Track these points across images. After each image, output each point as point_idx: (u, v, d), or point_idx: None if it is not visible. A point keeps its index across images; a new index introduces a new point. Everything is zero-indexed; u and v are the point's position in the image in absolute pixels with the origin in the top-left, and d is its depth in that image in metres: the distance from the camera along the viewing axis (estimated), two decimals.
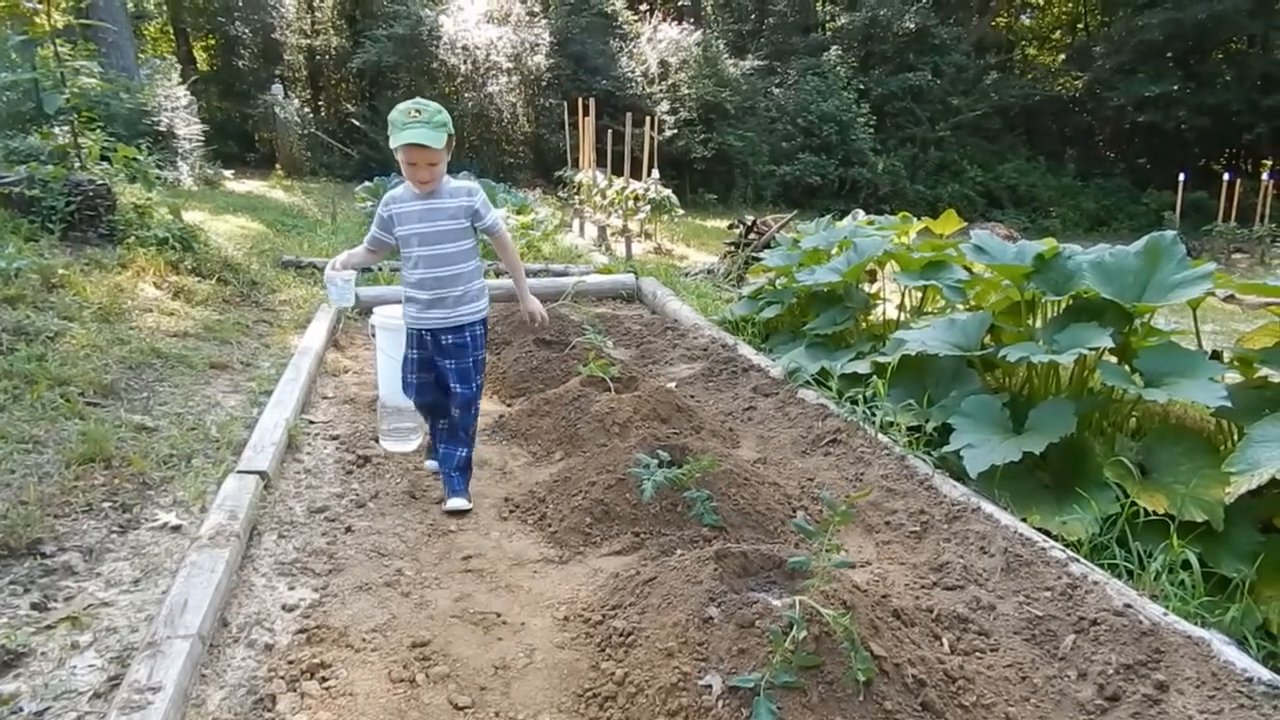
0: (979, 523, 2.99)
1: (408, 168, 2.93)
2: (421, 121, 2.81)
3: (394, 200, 3.04)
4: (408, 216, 3.02)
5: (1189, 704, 2.10)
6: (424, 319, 3.11)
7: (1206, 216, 18.89)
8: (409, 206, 3.01)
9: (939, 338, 3.92)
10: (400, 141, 2.82)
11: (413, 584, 2.68)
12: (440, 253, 3.03)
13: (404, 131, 2.80)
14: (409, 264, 3.06)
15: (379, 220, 3.07)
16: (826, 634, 2.09)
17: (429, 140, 2.80)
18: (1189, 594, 2.63)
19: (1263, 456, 2.79)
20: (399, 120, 2.82)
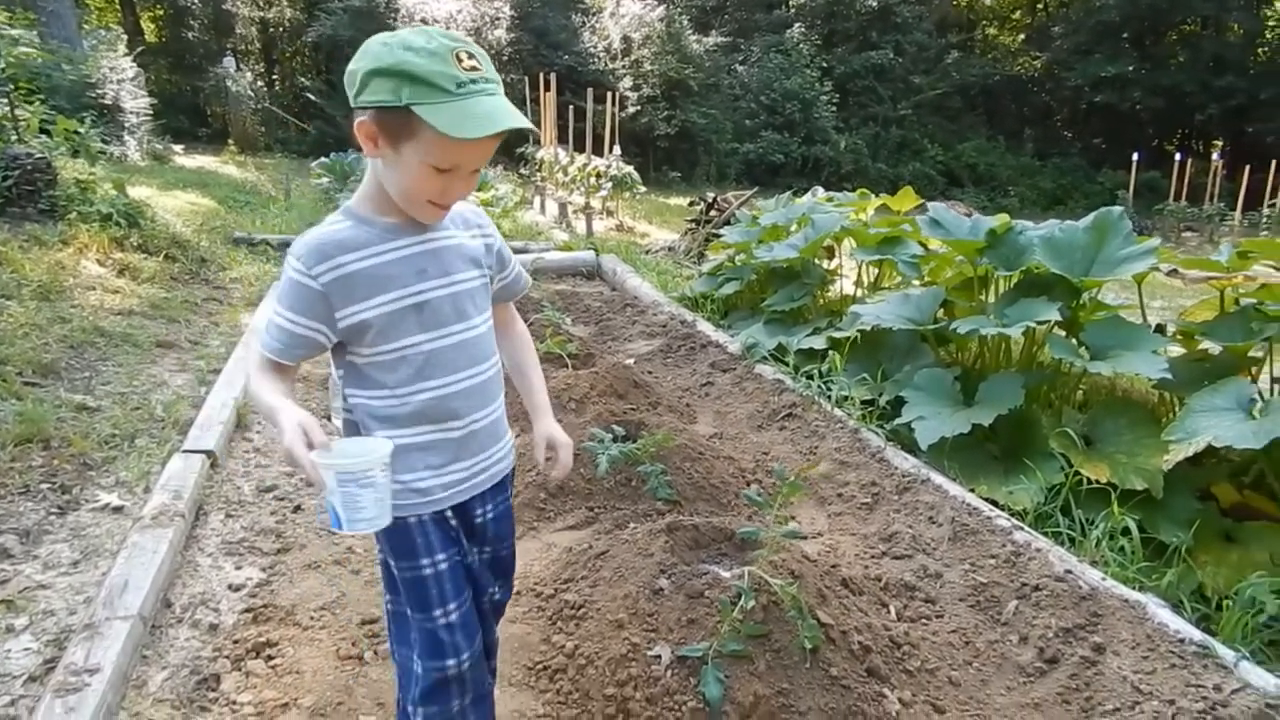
0: (928, 493, 3.04)
1: (432, 178, 1.31)
2: (489, 80, 1.27)
3: (338, 250, 1.34)
4: (387, 277, 1.37)
5: (1124, 665, 2.16)
6: (458, 479, 1.50)
7: (1159, 196, 19.29)
8: (386, 256, 1.37)
9: (893, 312, 3.96)
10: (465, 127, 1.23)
11: (364, 561, 2.65)
12: (469, 337, 1.46)
13: (468, 101, 1.24)
14: (396, 374, 1.41)
15: (301, 298, 1.34)
16: (775, 603, 2.11)
17: (518, 119, 1.28)
18: (1128, 560, 2.70)
19: (1200, 425, 2.87)
20: (444, 75, 1.22)
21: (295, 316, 1.35)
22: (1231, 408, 2.91)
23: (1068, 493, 3.03)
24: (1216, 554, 2.83)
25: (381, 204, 1.39)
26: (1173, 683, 2.06)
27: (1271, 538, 2.83)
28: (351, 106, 1.30)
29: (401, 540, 1.46)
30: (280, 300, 1.36)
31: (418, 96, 1.22)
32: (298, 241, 1.36)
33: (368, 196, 1.40)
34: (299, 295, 1.34)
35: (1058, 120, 29.27)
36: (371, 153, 1.32)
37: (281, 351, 1.37)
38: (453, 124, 1.22)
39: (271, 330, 1.37)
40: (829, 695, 2.00)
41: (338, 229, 1.37)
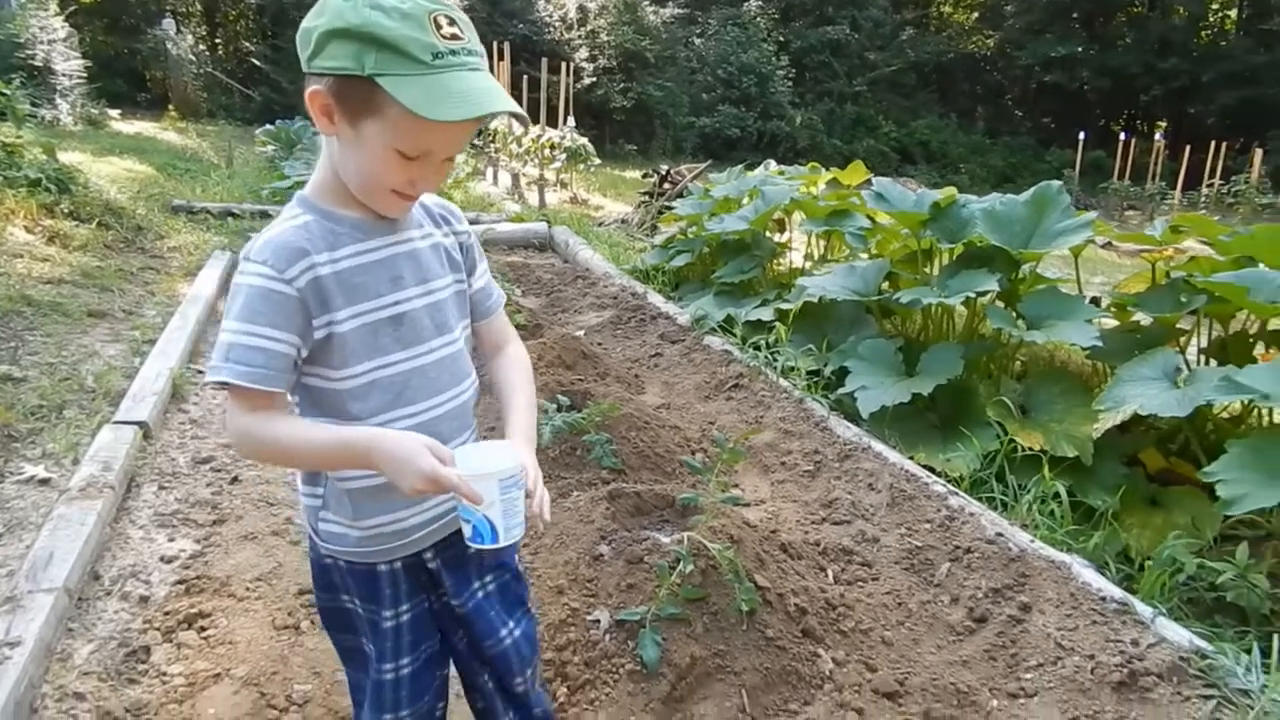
0: (869, 461, 3.09)
1: (398, 166, 1.12)
2: (471, 51, 1.09)
3: (308, 248, 1.14)
4: (358, 285, 1.18)
5: (1048, 622, 2.23)
6: (442, 511, 1.31)
7: (1104, 175, 19.75)
8: (356, 259, 1.18)
9: (839, 283, 4.00)
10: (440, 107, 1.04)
11: (302, 532, 2.61)
12: (451, 352, 1.29)
13: (445, 76, 1.05)
14: (369, 401, 1.21)
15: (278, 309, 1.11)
16: (713, 567, 2.13)
17: (505, 101, 1.09)
18: (1057, 523, 2.79)
19: (1128, 394, 2.96)
20: (417, 42, 1.03)
21: (275, 332, 1.10)
22: (1158, 377, 3.00)
23: (1003, 460, 3.10)
24: (1142, 517, 2.94)
25: (343, 194, 1.18)
26: (1094, 639, 2.14)
27: (1193, 502, 2.94)
28: (304, 71, 1.09)
29: (369, 587, 1.30)
30: (248, 316, 1.09)
31: (384, 66, 1.02)
32: (257, 244, 1.14)
33: (325, 185, 1.18)
34: (276, 305, 1.10)
35: (1009, 99, 29.72)
36: (326, 129, 1.11)
37: (269, 378, 1.10)
38: (425, 102, 1.03)
39: (245, 356, 1.09)
40: (765, 655, 2.04)
41: (299, 224, 1.15)
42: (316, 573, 1.36)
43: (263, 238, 1.14)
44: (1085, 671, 2.05)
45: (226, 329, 1.10)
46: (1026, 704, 2.03)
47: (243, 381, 1.09)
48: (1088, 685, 2.02)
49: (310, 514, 1.30)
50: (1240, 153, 20.36)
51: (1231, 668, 2.00)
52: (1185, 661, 2.01)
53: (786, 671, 2.04)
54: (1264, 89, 23.13)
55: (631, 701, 1.92)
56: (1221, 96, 23.55)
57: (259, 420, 1.12)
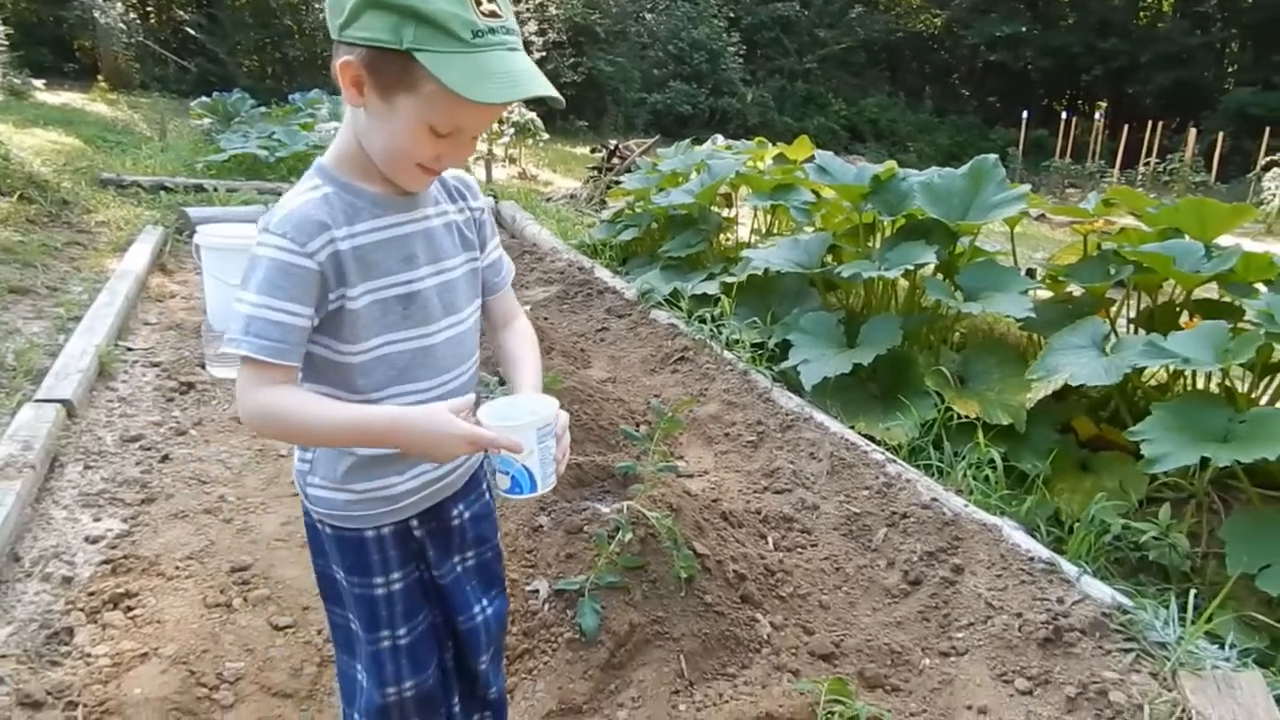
0: (810, 431, 3.13)
1: (428, 141, 1.10)
2: (509, 30, 1.07)
3: (329, 222, 1.12)
4: (373, 263, 1.17)
5: (979, 583, 2.29)
6: (430, 480, 1.31)
7: (1046, 153, 20.16)
8: (374, 235, 1.17)
9: (783, 257, 4.02)
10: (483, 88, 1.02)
11: (236, 510, 2.56)
12: (458, 332, 1.27)
13: (486, 55, 1.03)
14: (373, 376, 1.20)
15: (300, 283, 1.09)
16: (652, 536, 2.14)
17: (545, 84, 1.07)
18: (991, 488, 2.85)
19: (1059, 363, 3.04)
20: (458, 19, 1.00)
21: (294, 306, 1.08)
22: (1087, 345, 3.08)
23: (940, 428, 3.17)
24: (1073, 482, 3.03)
25: (364, 166, 1.15)
26: (1022, 597, 2.20)
27: (1121, 466, 3.03)
28: (333, 39, 1.06)
29: (357, 555, 1.28)
30: (268, 290, 1.07)
31: (424, 41, 1.00)
32: (276, 216, 1.10)
33: (347, 157, 1.15)
34: (296, 279, 1.08)
35: (956, 78, 30.11)
36: (354, 100, 1.08)
37: (288, 352, 1.09)
38: (467, 82, 1.00)
39: (265, 329, 1.07)
40: (703, 621, 2.06)
41: (318, 197, 1.12)
42: (310, 536, 1.36)
43: (283, 209, 1.11)
44: (1013, 629, 2.11)
45: (246, 301, 1.07)
46: (957, 661, 2.09)
47: (263, 356, 1.07)
48: (1015, 642, 2.09)
49: (300, 477, 1.30)
50: (1176, 132, 20.96)
51: (1150, 622, 2.08)
52: (1107, 617, 2.09)
53: (725, 636, 2.06)
54: (1198, 70, 23.81)
55: (570, 669, 1.92)
56: (1158, 77, 24.18)
57: (276, 395, 1.10)
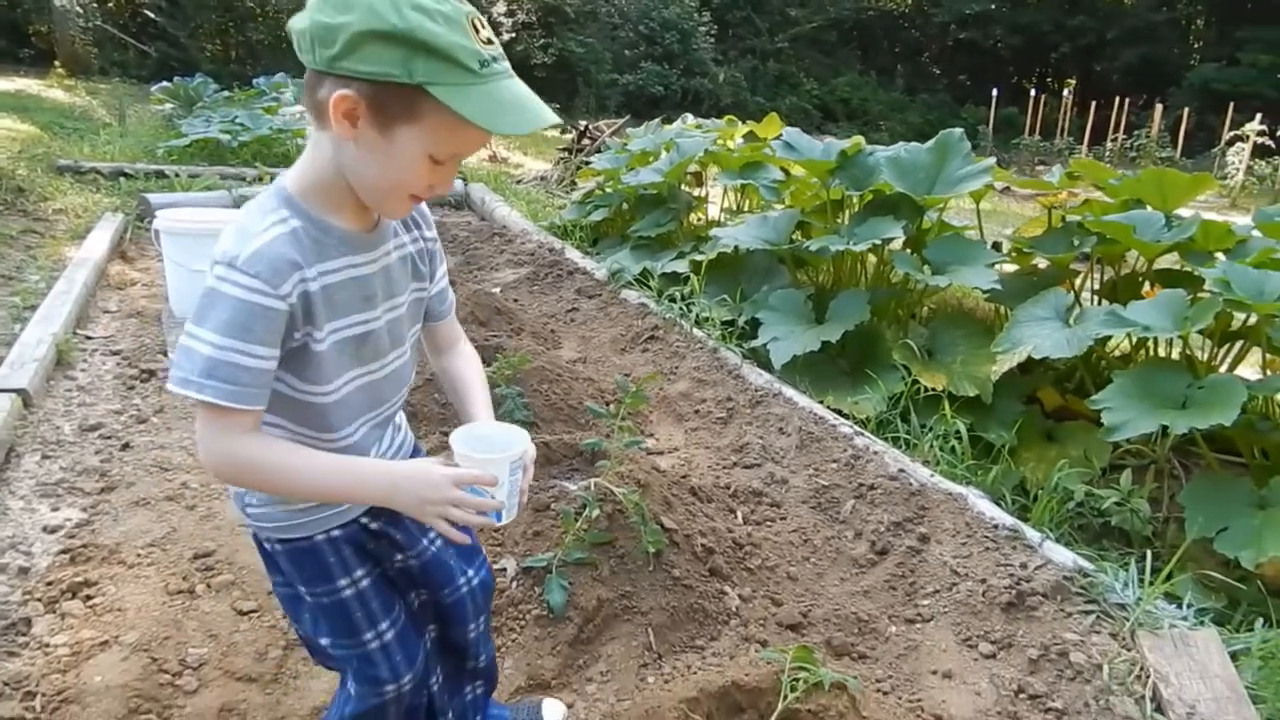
0: (779, 406, 3.14)
1: (425, 170, 1.07)
2: (504, 58, 1.05)
3: (299, 259, 1.06)
4: (338, 303, 1.13)
5: (945, 551, 2.32)
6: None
7: (1016, 131, 20.29)
8: (340, 275, 1.13)
9: (751, 234, 4.02)
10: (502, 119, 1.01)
11: (199, 496, 2.52)
12: (401, 364, 1.27)
13: (494, 85, 1.02)
14: (326, 417, 1.18)
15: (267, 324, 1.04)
16: (620, 512, 2.14)
17: (549, 111, 1.08)
18: (958, 459, 2.88)
19: (1024, 335, 3.07)
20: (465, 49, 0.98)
21: (265, 350, 1.03)
22: (1051, 317, 3.11)
23: (907, 401, 3.19)
24: (1038, 452, 3.07)
25: (335, 198, 1.10)
26: (986, 564, 2.23)
27: (1085, 435, 3.08)
28: (317, 68, 1.00)
29: (314, 563, 1.24)
30: (235, 332, 1.00)
31: (435, 74, 0.97)
32: (240, 247, 1.02)
33: (318, 187, 1.09)
34: (266, 321, 1.03)
35: (926, 57, 30.19)
36: (346, 134, 1.01)
37: (257, 396, 1.04)
38: (485, 115, 0.99)
39: (232, 374, 1.01)
40: (671, 595, 2.07)
41: (287, 232, 1.05)
42: (263, 558, 1.31)
43: (251, 244, 1.03)
44: (977, 595, 2.14)
45: (207, 342, 1.01)
46: (923, 628, 2.11)
47: (231, 402, 1.02)
48: (979, 607, 2.11)
49: (236, 499, 1.25)
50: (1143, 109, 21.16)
51: (1110, 584, 2.11)
52: (1069, 581, 2.12)
53: (693, 609, 2.07)
54: (1164, 47, 24.03)
55: (539, 646, 1.93)
56: (1125, 54, 24.39)
57: (250, 445, 1.06)
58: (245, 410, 1.04)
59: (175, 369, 1.03)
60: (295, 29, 1.00)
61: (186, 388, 1.01)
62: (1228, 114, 15.88)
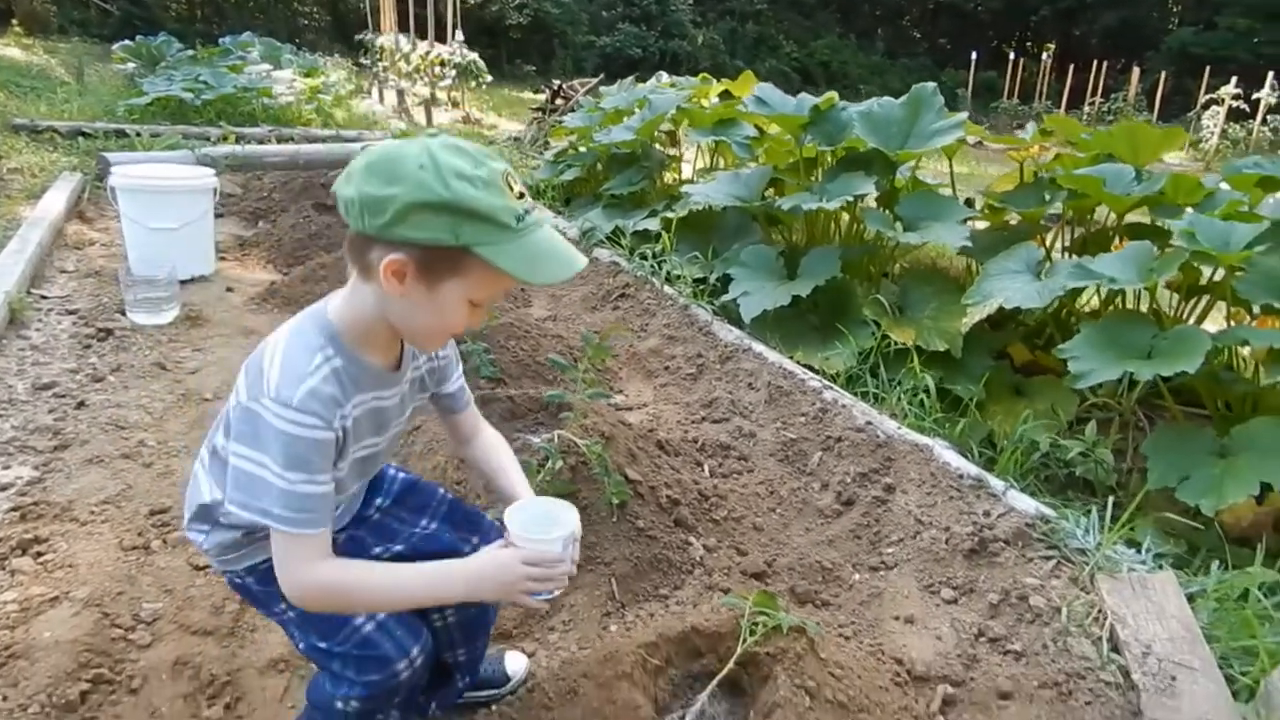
0: (749, 361, 3.12)
1: (466, 313, 1.15)
2: (536, 208, 1.14)
3: (345, 394, 1.16)
4: (369, 426, 1.24)
5: (910, 501, 2.32)
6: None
7: (995, 94, 20.29)
8: (369, 405, 1.22)
9: (723, 191, 3.97)
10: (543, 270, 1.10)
11: (156, 454, 2.47)
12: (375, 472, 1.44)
13: (531, 237, 1.09)
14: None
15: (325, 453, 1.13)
16: (583, 464, 2.12)
17: (580, 255, 1.17)
18: (926, 413, 2.88)
19: (994, 288, 3.06)
20: (505, 209, 1.06)
21: (325, 476, 1.13)
22: (1021, 270, 3.11)
23: (877, 356, 3.18)
24: (1006, 405, 3.07)
25: (372, 340, 1.19)
26: (950, 512, 2.24)
27: (1053, 390, 3.09)
28: (364, 234, 1.07)
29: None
30: (302, 465, 1.10)
31: (479, 236, 1.05)
32: (293, 389, 1.09)
33: (361, 331, 1.17)
34: (324, 451, 1.12)
35: (907, 20, 29.99)
36: (394, 291, 1.09)
37: (324, 519, 1.14)
38: (526, 267, 1.07)
39: (308, 504, 1.10)
40: (635, 545, 2.06)
41: (330, 371, 1.13)
42: (245, 597, 1.37)
43: (303, 386, 1.10)
44: (940, 542, 2.15)
45: (275, 474, 1.09)
46: (886, 575, 2.12)
47: (308, 530, 1.11)
48: (942, 554, 2.12)
49: (197, 544, 1.32)
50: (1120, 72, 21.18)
51: (1071, 530, 2.12)
52: (1030, 527, 2.13)
53: (657, 559, 2.06)
54: (1142, 10, 23.99)
55: None
56: (1104, 16, 24.35)
57: (324, 568, 1.14)
58: (313, 534, 1.12)
59: (241, 495, 1.11)
60: (341, 196, 1.08)
61: (266, 518, 1.10)
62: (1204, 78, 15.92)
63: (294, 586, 1.14)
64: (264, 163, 6.12)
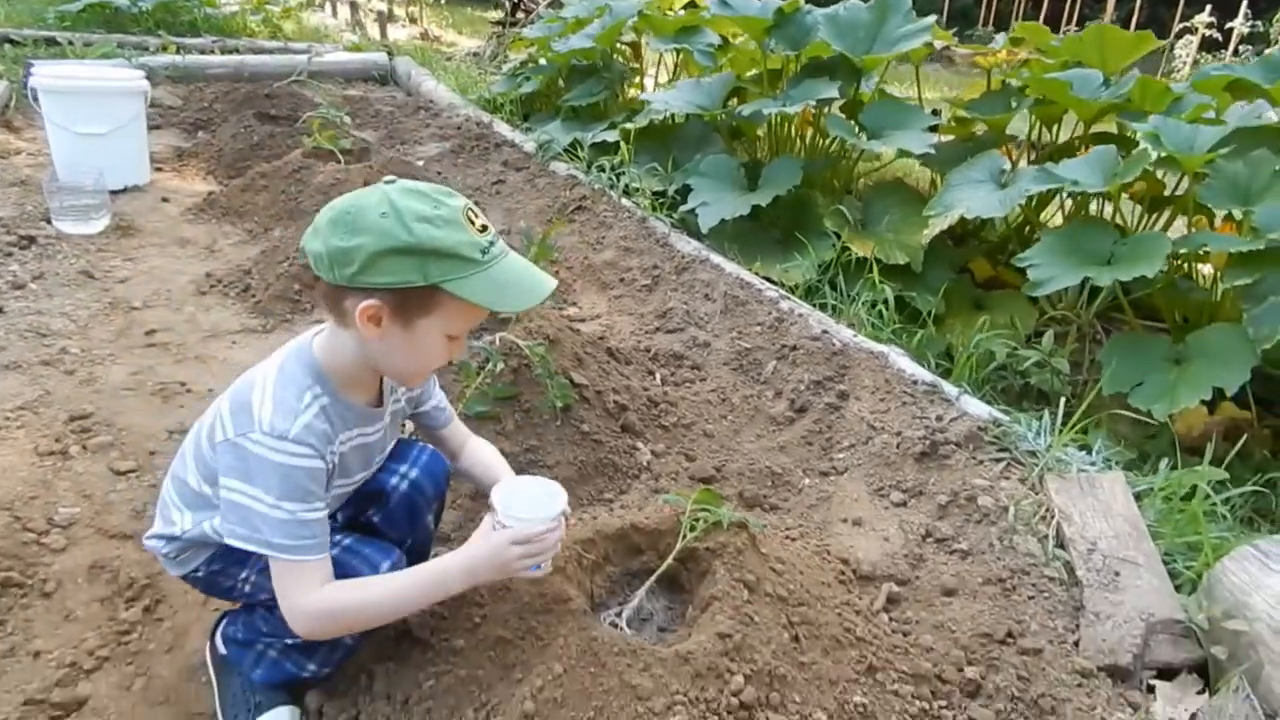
0: (706, 272, 3.04)
1: (444, 348, 1.20)
2: (498, 238, 1.18)
3: (334, 431, 1.22)
4: (354, 462, 1.31)
5: (863, 407, 2.28)
6: None
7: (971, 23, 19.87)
8: (353, 443, 1.28)
9: (683, 98, 3.82)
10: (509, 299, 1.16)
11: (79, 361, 2.35)
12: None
13: (496, 268, 1.14)
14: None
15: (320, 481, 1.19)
16: (526, 366, 2.04)
17: (549, 280, 1.22)
18: (884, 323, 2.83)
19: (956, 198, 2.99)
20: (468, 244, 1.11)
21: (319, 503, 1.18)
22: (985, 180, 3.03)
23: (837, 268, 3.11)
24: (965, 319, 3.04)
25: (354, 382, 1.25)
26: (903, 418, 2.20)
27: (1012, 302, 3.05)
28: (338, 285, 1.12)
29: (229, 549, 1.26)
30: (299, 495, 1.14)
31: (446, 273, 1.10)
32: (287, 424, 1.14)
33: (344, 374, 1.23)
34: (315, 480, 1.17)
35: None
36: (371, 335, 1.14)
37: (322, 545, 1.18)
38: (495, 297, 1.13)
39: (309, 530, 1.15)
40: (580, 450, 2.00)
41: (318, 409, 1.18)
42: (202, 588, 1.40)
43: (298, 421, 1.15)
44: (891, 447, 2.12)
45: (277, 507, 1.12)
46: (836, 480, 2.08)
47: (310, 556, 1.15)
48: (893, 458, 2.09)
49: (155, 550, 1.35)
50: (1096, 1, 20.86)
51: (1023, 433, 2.10)
52: (982, 430, 2.10)
53: (603, 464, 2.01)
54: None
55: None
56: None
57: (324, 594, 1.16)
58: (315, 560, 1.16)
59: (242, 529, 1.14)
60: (310, 251, 1.13)
61: (269, 549, 1.13)
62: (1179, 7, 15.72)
63: (300, 615, 1.16)
64: (206, 74, 5.80)
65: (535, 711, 1.18)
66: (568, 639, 1.27)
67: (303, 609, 1.15)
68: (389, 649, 1.39)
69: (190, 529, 1.28)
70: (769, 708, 1.27)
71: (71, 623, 1.53)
